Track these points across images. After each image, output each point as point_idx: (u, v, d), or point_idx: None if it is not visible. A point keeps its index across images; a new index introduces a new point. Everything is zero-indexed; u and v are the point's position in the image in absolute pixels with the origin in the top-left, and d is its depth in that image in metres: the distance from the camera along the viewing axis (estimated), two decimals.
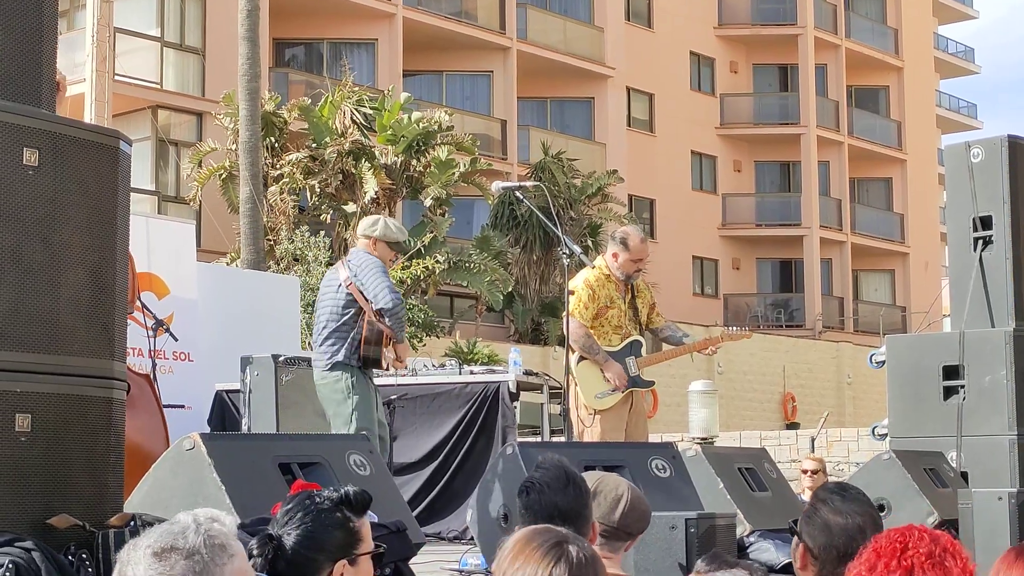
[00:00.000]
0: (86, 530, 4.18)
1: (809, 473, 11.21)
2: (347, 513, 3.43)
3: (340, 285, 7.99)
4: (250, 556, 3.29)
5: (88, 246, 4.36)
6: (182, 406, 10.15)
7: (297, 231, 23.74)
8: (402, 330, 7.98)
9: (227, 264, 22.34)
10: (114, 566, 4.12)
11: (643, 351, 8.32)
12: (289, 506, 3.45)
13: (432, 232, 25.75)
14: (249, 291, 13.91)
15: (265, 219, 22.03)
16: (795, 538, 3.66)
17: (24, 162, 4.20)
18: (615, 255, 8.28)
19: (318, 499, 3.45)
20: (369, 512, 3.53)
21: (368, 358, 7.85)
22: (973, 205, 8.83)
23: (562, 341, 8.60)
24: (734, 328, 8.96)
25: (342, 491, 3.46)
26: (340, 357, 7.85)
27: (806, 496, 10.70)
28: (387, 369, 8.35)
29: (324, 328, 7.96)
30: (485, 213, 30.98)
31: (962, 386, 8.63)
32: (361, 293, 7.88)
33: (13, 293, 4.16)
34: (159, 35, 28.06)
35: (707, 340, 8.97)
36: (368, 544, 3.44)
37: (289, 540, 3.38)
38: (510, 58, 34.08)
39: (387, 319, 7.84)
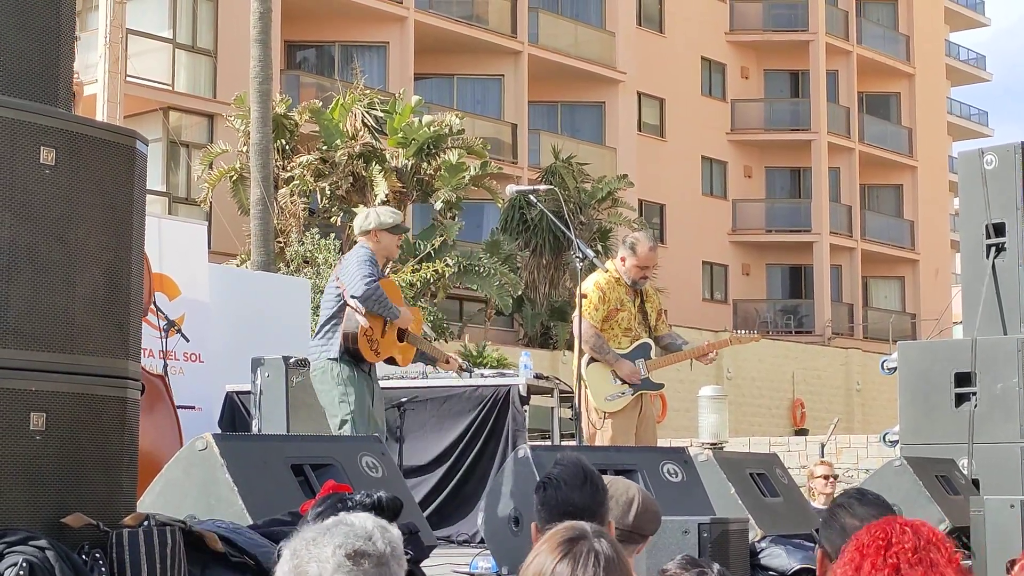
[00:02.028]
0: (100, 529, 4.18)
1: (831, 480, 11.18)
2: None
3: (333, 280, 8.06)
4: (279, 558, 3.26)
5: (104, 245, 4.36)
6: (193, 407, 10.16)
7: (307, 233, 23.76)
8: (387, 311, 7.83)
9: (237, 266, 22.36)
10: (128, 566, 4.14)
11: (652, 354, 8.32)
12: (321, 509, 3.43)
13: (442, 236, 25.77)
14: (259, 293, 13.91)
15: (275, 221, 22.06)
16: (817, 544, 3.67)
17: (41, 161, 4.20)
18: (623, 259, 8.32)
19: (351, 503, 3.43)
20: None
21: (348, 348, 7.79)
22: (986, 212, 8.83)
23: (571, 345, 8.59)
24: (743, 331, 8.94)
25: (375, 496, 3.44)
26: (330, 351, 7.86)
27: (817, 502, 10.68)
28: (450, 368, 8.43)
29: (319, 324, 8.02)
30: (495, 217, 30.98)
31: (974, 393, 8.62)
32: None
33: (28, 291, 4.16)
34: (171, 37, 28.10)
35: (716, 342, 9.01)
36: None
37: None
38: (521, 62, 34.09)
39: (363, 306, 7.77)
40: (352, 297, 7.78)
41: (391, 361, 8.18)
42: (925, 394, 8.87)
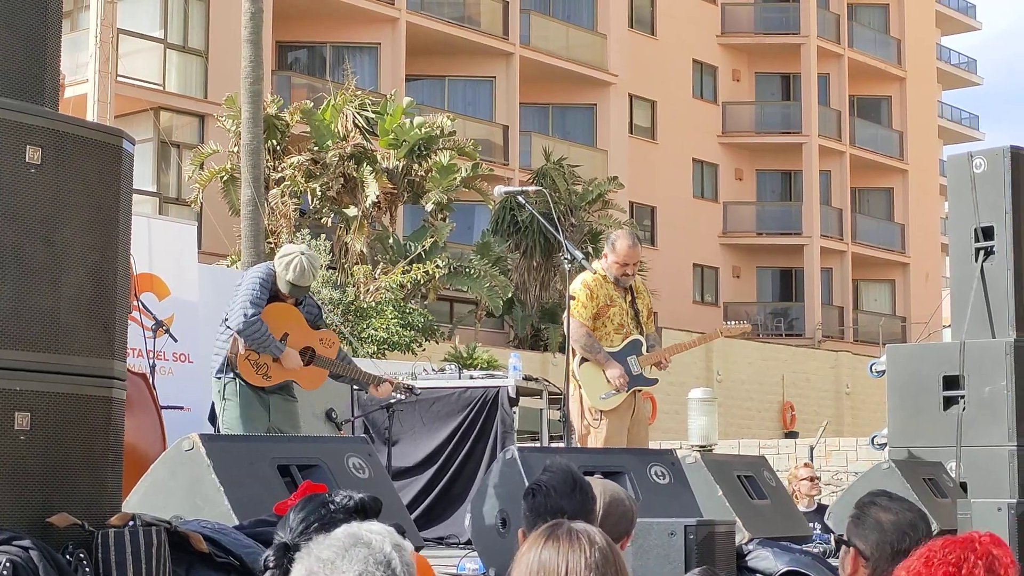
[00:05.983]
0: (85, 529, 4.17)
1: (815, 482, 11.21)
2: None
3: (237, 285, 7.74)
4: (265, 568, 3.20)
5: (90, 245, 4.35)
6: (181, 407, 10.12)
7: (298, 234, 23.72)
8: (266, 348, 7.40)
9: (228, 266, 22.32)
10: (113, 566, 4.12)
11: (644, 349, 8.32)
12: (303, 514, 3.36)
13: (433, 237, 25.77)
14: None
15: (266, 222, 22.02)
16: (843, 548, 3.68)
17: (27, 160, 4.19)
18: (605, 256, 8.34)
19: (333, 507, 3.39)
20: None
21: (235, 372, 7.46)
22: (975, 215, 8.83)
23: (562, 347, 8.58)
24: (732, 322, 8.90)
25: (356, 499, 3.41)
26: (216, 366, 7.57)
27: (801, 505, 10.67)
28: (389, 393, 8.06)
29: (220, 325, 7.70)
30: (486, 218, 30.97)
31: (962, 396, 8.63)
32: None
33: (14, 291, 4.14)
34: (162, 37, 28.05)
35: (706, 335, 9.07)
36: None
37: None
38: (513, 64, 34.08)
39: (240, 339, 7.40)
40: (230, 329, 7.45)
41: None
42: (914, 397, 8.87)
